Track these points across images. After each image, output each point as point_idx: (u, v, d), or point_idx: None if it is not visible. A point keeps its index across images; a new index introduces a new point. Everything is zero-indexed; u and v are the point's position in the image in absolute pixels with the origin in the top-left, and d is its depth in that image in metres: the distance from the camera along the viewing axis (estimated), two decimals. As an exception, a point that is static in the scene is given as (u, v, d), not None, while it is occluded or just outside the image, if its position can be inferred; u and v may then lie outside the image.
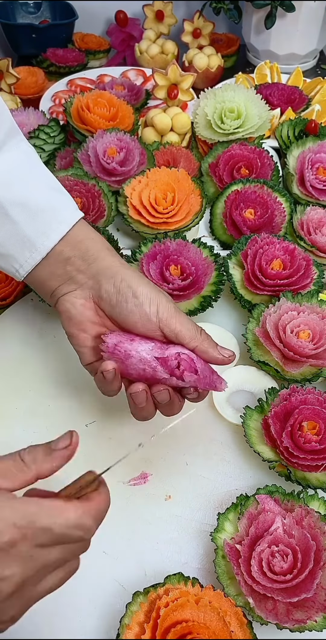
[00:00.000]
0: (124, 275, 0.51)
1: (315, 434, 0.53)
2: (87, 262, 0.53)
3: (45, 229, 0.52)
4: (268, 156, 0.84)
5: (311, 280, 0.69)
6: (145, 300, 0.50)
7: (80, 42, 1.34)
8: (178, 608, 0.43)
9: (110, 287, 0.51)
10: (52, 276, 0.53)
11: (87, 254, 0.53)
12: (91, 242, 0.54)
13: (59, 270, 0.53)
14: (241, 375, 0.64)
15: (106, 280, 0.52)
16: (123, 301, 0.51)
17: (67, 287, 0.53)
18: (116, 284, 0.51)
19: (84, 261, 0.53)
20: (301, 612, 0.44)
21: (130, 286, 0.51)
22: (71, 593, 0.49)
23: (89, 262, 0.53)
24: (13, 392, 0.64)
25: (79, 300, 0.53)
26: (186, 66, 1.23)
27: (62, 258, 0.53)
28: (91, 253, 0.53)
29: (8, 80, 1.05)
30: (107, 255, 0.53)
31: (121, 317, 0.51)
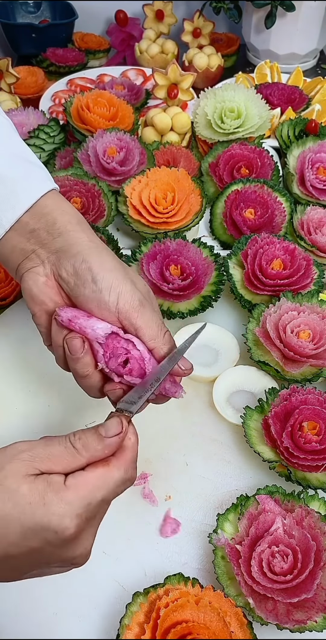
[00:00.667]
0: (87, 256, 0.46)
1: (315, 434, 0.53)
2: (52, 236, 0.48)
3: (10, 199, 0.48)
4: (268, 156, 0.84)
5: (311, 280, 0.69)
6: (104, 288, 0.45)
7: (80, 41, 1.34)
8: (178, 608, 0.43)
9: (69, 267, 0.46)
10: (14, 250, 0.49)
11: (54, 227, 0.48)
12: (59, 214, 0.48)
13: (23, 243, 0.49)
14: (241, 375, 0.64)
15: (67, 259, 0.47)
16: (81, 285, 0.46)
17: (30, 263, 0.49)
18: (76, 265, 0.46)
19: (49, 234, 0.48)
20: (302, 613, 0.44)
21: (90, 269, 0.46)
22: (71, 593, 0.49)
23: (54, 235, 0.48)
24: (13, 392, 0.64)
25: (41, 277, 0.48)
26: (186, 66, 1.23)
27: (27, 230, 0.48)
28: (57, 226, 0.48)
29: (8, 80, 1.05)
30: (75, 231, 0.48)
31: (78, 301, 0.47)
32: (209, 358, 0.66)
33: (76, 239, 0.48)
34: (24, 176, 0.49)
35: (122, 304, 0.45)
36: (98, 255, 0.47)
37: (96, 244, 0.48)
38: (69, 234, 0.48)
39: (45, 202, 0.49)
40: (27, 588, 0.49)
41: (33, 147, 0.89)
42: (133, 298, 0.46)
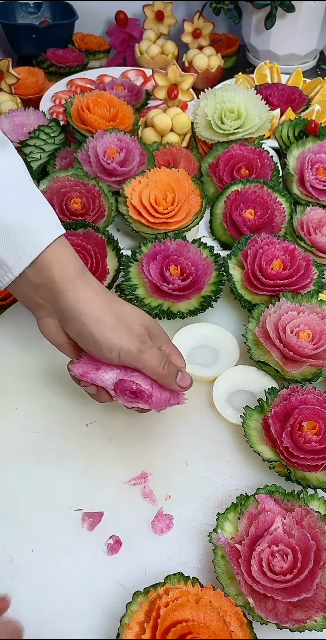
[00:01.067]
0: (85, 319, 0.51)
1: (315, 434, 0.53)
2: (53, 295, 0.51)
3: (17, 251, 0.50)
4: (268, 156, 0.84)
5: (311, 280, 0.69)
6: (105, 349, 0.51)
7: (80, 42, 1.34)
8: (178, 608, 0.43)
9: (73, 329, 0.52)
10: (26, 298, 0.53)
11: (53, 286, 0.51)
12: (58, 270, 0.51)
13: (31, 295, 0.52)
14: (241, 375, 0.64)
15: (69, 321, 0.52)
16: (85, 344, 0.52)
17: (41, 312, 0.54)
18: (77, 327, 0.51)
19: (50, 292, 0.51)
20: (301, 612, 0.44)
21: (91, 333, 0.51)
22: (71, 593, 0.49)
23: (54, 294, 0.51)
24: (13, 392, 0.64)
25: (52, 328, 0.54)
26: (186, 66, 1.23)
27: (31, 284, 0.51)
28: (56, 285, 0.51)
29: (8, 81, 1.06)
30: (72, 290, 0.51)
31: (87, 351, 0.53)
32: (209, 358, 0.66)
33: (75, 300, 0.51)
34: (28, 226, 0.50)
35: (124, 357, 0.51)
36: (96, 319, 0.51)
37: (91, 305, 0.51)
38: (67, 295, 0.51)
39: (46, 255, 0.51)
40: (27, 587, 0.50)
41: (33, 148, 0.89)
42: (132, 349, 0.51)
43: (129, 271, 0.69)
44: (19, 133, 0.91)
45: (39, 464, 0.58)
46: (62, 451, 0.59)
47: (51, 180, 0.79)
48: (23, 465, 0.58)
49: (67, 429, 0.61)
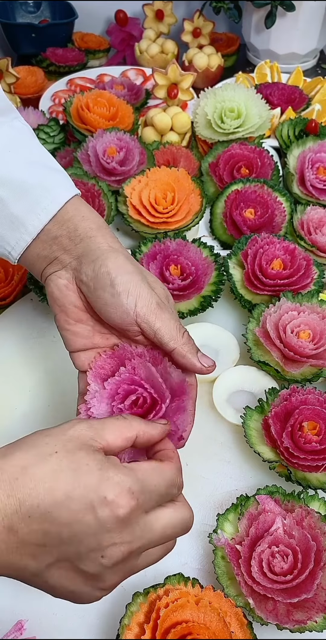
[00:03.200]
0: (106, 260, 0.47)
1: (316, 434, 0.53)
2: (73, 242, 0.49)
3: (34, 207, 0.49)
4: (268, 156, 0.84)
5: (311, 280, 0.69)
6: (122, 291, 0.45)
7: (80, 41, 1.33)
8: (178, 609, 0.43)
9: (90, 271, 0.47)
10: (39, 257, 0.50)
11: (75, 233, 0.49)
12: (80, 220, 0.49)
13: (46, 250, 0.50)
14: (241, 375, 0.64)
15: (87, 264, 0.47)
16: (100, 289, 0.47)
17: (53, 268, 0.50)
18: (95, 268, 0.47)
19: (71, 241, 0.49)
20: (302, 613, 0.44)
21: (109, 273, 0.46)
22: (71, 593, 0.49)
23: (76, 242, 0.49)
24: (13, 392, 0.64)
25: (62, 280, 0.49)
26: (186, 65, 1.23)
27: (50, 237, 0.49)
28: (79, 232, 0.49)
29: (8, 80, 1.05)
30: (96, 236, 0.49)
31: (98, 305, 0.47)
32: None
33: (96, 244, 0.48)
34: (46, 184, 0.50)
35: (140, 307, 0.45)
36: (116, 259, 0.47)
37: (114, 248, 0.48)
38: (90, 240, 0.48)
39: (66, 209, 0.49)
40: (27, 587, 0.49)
41: (33, 147, 0.89)
42: (151, 301, 0.46)
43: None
44: (19, 132, 0.91)
45: (38, 464, 0.57)
46: (61, 451, 0.58)
47: (51, 180, 0.79)
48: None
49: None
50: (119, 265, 0.47)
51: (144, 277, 0.48)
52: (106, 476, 0.34)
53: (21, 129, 0.53)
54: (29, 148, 0.52)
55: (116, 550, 0.34)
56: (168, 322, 0.46)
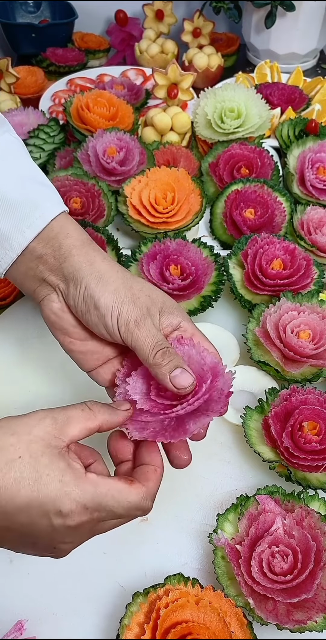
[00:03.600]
0: (89, 283, 0.46)
1: (315, 434, 0.53)
2: (58, 261, 0.48)
3: (19, 224, 0.48)
4: (268, 156, 0.84)
5: (311, 280, 0.69)
6: (106, 313, 0.45)
7: (80, 41, 1.33)
8: (178, 609, 0.43)
9: (76, 295, 0.47)
10: (27, 275, 0.50)
11: (60, 252, 0.48)
12: (64, 238, 0.49)
13: (33, 270, 0.49)
14: (241, 375, 0.64)
15: (73, 287, 0.47)
16: (87, 312, 0.47)
17: (44, 290, 0.50)
18: (81, 292, 0.47)
19: (56, 260, 0.48)
20: (302, 613, 0.44)
21: (92, 296, 0.46)
22: (71, 593, 0.49)
23: (60, 261, 0.48)
24: (13, 391, 0.64)
25: (56, 304, 0.49)
26: (186, 65, 1.23)
27: (35, 256, 0.49)
28: (63, 251, 0.48)
29: (8, 80, 1.05)
30: (78, 255, 0.48)
31: (89, 326, 0.48)
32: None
33: (79, 264, 0.48)
34: (33, 200, 0.49)
35: (121, 325, 0.45)
36: (99, 279, 0.47)
37: (97, 268, 0.47)
38: (73, 259, 0.48)
39: (52, 226, 0.49)
40: (27, 588, 0.49)
41: (33, 147, 0.89)
42: (129, 318, 0.45)
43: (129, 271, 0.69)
44: (19, 132, 0.90)
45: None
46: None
47: (51, 180, 0.78)
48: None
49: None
50: (102, 285, 0.46)
51: (128, 289, 0.47)
52: (65, 491, 0.36)
53: (11, 143, 0.52)
54: (17, 162, 0.51)
55: (65, 546, 0.39)
56: (144, 340, 0.45)
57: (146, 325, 0.45)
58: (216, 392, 0.43)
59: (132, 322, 0.45)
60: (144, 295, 0.47)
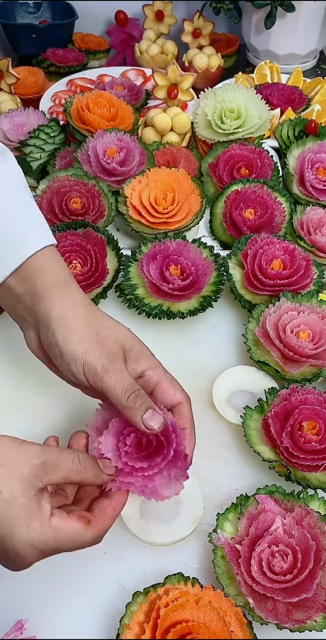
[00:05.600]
0: (55, 329, 0.47)
1: (315, 434, 0.53)
2: (33, 302, 0.49)
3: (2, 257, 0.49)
4: (268, 156, 0.84)
5: (311, 280, 0.69)
6: (70, 361, 0.47)
7: (80, 42, 1.34)
8: (177, 608, 0.43)
9: (45, 339, 0.48)
10: (10, 309, 0.52)
11: (34, 294, 0.49)
12: (39, 279, 0.49)
13: (13, 306, 0.51)
14: (241, 375, 0.64)
15: (43, 330, 0.48)
16: (53, 357, 0.48)
17: (24, 325, 0.52)
18: (48, 337, 0.48)
19: (32, 300, 0.49)
20: (301, 612, 0.44)
21: (57, 344, 0.47)
22: (71, 593, 0.49)
23: (34, 301, 0.49)
24: (13, 392, 0.64)
25: (33, 342, 0.51)
26: (186, 66, 1.23)
27: (14, 294, 0.50)
28: (37, 292, 0.49)
29: (8, 80, 1.05)
30: (51, 298, 0.49)
31: (59, 370, 0.49)
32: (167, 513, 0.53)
33: (49, 308, 0.48)
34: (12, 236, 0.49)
35: (87, 373, 0.46)
36: (65, 326, 0.47)
37: (65, 313, 0.48)
38: (44, 303, 0.49)
39: (31, 264, 0.50)
40: (27, 587, 0.49)
41: (33, 148, 0.89)
42: (96, 365, 0.46)
43: (129, 271, 0.69)
44: (19, 133, 0.91)
45: (38, 464, 0.58)
46: (62, 451, 0.59)
47: (51, 180, 0.79)
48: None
49: (67, 429, 0.61)
50: (68, 333, 0.47)
51: (94, 336, 0.47)
52: (29, 538, 0.39)
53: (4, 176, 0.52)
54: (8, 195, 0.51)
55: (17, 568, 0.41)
56: (114, 385, 0.45)
57: (114, 370, 0.46)
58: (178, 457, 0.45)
59: (99, 369, 0.46)
60: (111, 340, 0.47)
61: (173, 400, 0.48)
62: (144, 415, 0.44)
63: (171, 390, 0.47)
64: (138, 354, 0.48)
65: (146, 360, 0.48)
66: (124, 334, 0.48)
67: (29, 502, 0.39)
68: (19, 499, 0.38)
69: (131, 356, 0.48)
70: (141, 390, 0.45)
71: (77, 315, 0.48)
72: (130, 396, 0.45)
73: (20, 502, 0.38)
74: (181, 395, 0.48)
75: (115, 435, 0.46)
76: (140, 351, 0.48)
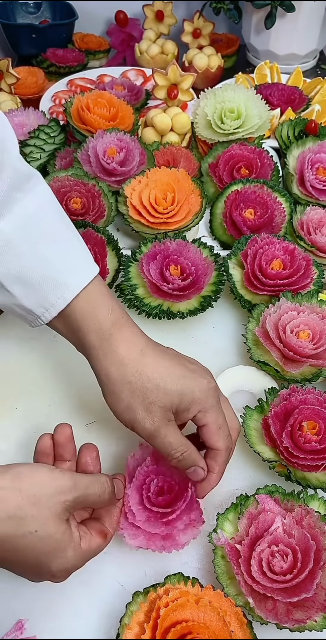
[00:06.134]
0: (104, 391, 0.50)
1: (315, 434, 0.53)
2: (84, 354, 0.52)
3: (43, 302, 0.50)
4: (268, 156, 0.84)
5: (311, 280, 0.69)
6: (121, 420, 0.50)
7: (80, 42, 1.34)
8: (177, 608, 0.43)
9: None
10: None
11: (83, 349, 0.51)
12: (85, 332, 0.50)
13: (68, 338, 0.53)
14: (241, 375, 0.64)
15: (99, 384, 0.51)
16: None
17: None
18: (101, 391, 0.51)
19: (82, 351, 0.52)
20: (301, 612, 0.44)
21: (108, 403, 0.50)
22: (71, 593, 0.49)
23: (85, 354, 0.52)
24: (13, 392, 0.64)
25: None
26: (186, 66, 1.23)
27: (64, 335, 0.53)
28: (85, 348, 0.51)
29: (8, 81, 1.05)
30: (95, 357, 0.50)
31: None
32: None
33: (96, 369, 0.50)
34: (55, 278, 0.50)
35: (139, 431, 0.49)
36: (113, 393, 0.49)
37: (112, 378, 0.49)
38: (93, 362, 0.50)
39: (74, 309, 0.50)
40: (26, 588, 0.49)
41: (33, 148, 0.89)
42: (142, 433, 0.49)
43: (129, 271, 0.69)
44: (19, 133, 0.91)
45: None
46: (62, 451, 0.59)
47: (51, 180, 0.79)
48: (23, 465, 0.58)
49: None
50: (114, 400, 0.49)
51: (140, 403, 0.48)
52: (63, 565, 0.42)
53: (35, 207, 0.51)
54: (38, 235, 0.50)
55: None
56: (158, 448, 0.49)
57: (158, 439, 0.48)
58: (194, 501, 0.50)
59: (145, 436, 0.49)
60: (157, 407, 0.48)
61: (213, 445, 0.49)
62: (186, 471, 0.49)
63: (213, 437, 0.49)
64: (189, 404, 0.48)
65: (196, 407, 0.49)
66: (171, 396, 0.48)
67: (62, 536, 0.41)
68: (54, 536, 0.41)
69: (181, 408, 0.49)
70: (185, 453, 0.48)
71: (122, 379, 0.49)
72: (172, 461, 0.49)
73: (55, 538, 0.41)
74: (222, 444, 0.49)
75: (137, 490, 0.51)
76: (192, 400, 0.48)
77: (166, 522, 0.49)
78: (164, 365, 0.49)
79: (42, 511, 0.40)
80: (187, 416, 0.49)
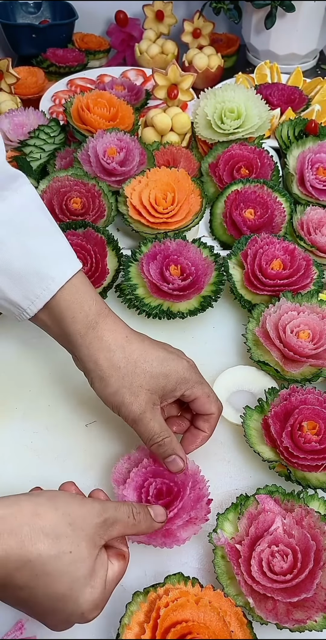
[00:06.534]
0: (92, 377, 0.51)
1: (315, 434, 0.53)
2: (70, 346, 0.52)
3: (28, 294, 0.51)
4: (268, 156, 0.84)
5: (311, 280, 0.69)
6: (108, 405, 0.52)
7: (80, 42, 1.34)
8: (177, 608, 0.43)
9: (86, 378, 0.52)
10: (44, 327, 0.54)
11: (69, 339, 0.51)
12: (70, 322, 0.51)
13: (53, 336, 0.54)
14: (241, 375, 0.64)
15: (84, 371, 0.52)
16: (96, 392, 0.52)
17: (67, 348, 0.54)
18: (88, 379, 0.52)
19: (67, 344, 0.52)
20: (301, 612, 0.44)
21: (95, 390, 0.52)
22: (71, 593, 0.49)
23: (70, 346, 0.52)
24: (13, 392, 0.64)
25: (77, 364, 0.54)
26: (186, 66, 1.23)
27: (48, 328, 0.53)
28: (71, 338, 0.51)
29: (8, 80, 1.05)
30: (82, 345, 0.51)
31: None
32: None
33: (84, 357, 0.51)
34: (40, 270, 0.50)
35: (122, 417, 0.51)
36: (101, 379, 0.50)
37: (100, 365, 0.50)
38: (79, 351, 0.51)
39: (59, 300, 0.51)
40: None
41: (33, 148, 0.89)
42: (128, 417, 0.51)
43: (129, 271, 0.69)
44: (19, 133, 0.91)
45: (38, 464, 0.58)
46: (61, 451, 0.59)
47: (51, 180, 0.79)
48: (22, 465, 0.58)
49: (67, 429, 0.61)
50: (103, 387, 0.51)
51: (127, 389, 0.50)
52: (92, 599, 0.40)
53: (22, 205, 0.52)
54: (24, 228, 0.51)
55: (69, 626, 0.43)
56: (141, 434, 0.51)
57: (143, 423, 0.50)
58: (199, 500, 0.51)
59: (130, 420, 0.51)
60: (144, 391, 0.50)
61: (207, 412, 0.53)
62: (165, 459, 0.51)
63: (206, 405, 0.53)
64: (176, 384, 0.52)
65: (183, 386, 0.52)
66: (157, 378, 0.51)
67: (93, 562, 0.41)
68: (86, 560, 0.40)
69: (168, 388, 0.51)
70: (166, 439, 0.50)
71: (111, 364, 0.50)
72: (153, 446, 0.50)
73: (87, 563, 0.40)
74: (215, 408, 0.54)
75: (135, 489, 0.51)
76: (178, 380, 0.52)
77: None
78: (149, 350, 0.52)
79: (75, 531, 0.40)
80: (174, 394, 0.52)
